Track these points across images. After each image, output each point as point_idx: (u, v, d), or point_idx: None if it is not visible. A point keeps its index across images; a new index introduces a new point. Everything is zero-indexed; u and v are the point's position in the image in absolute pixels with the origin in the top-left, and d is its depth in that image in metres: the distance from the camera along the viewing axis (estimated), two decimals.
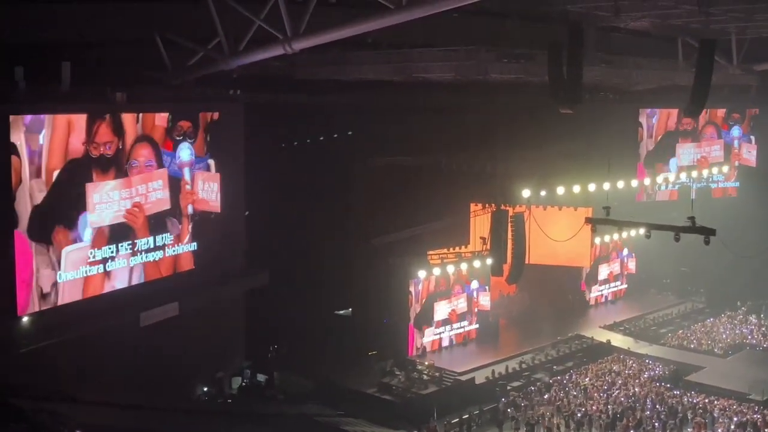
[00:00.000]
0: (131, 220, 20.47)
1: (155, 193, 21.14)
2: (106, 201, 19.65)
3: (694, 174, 35.27)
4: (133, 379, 20.47)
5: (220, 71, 19.53)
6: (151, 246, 21.25)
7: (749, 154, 38.17)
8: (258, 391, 25.82)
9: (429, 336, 29.73)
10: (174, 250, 21.98)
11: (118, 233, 20.11)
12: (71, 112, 18.75)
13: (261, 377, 26.17)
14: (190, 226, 22.53)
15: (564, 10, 18.58)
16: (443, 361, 28.56)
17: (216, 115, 23.01)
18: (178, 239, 22.02)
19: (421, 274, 29.11)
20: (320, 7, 15.01)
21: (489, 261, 28.21)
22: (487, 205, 30.76)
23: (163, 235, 21.54)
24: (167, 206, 21.64)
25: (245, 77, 22.56)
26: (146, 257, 21.18)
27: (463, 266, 30.45)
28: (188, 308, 21.99)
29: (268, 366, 26.70)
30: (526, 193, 29.72)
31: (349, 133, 29.96)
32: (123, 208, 20.21)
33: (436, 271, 29.53)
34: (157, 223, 21.32)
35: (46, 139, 17.98)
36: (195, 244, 22.79)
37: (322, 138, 29.47)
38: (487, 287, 31.38)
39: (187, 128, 21.87)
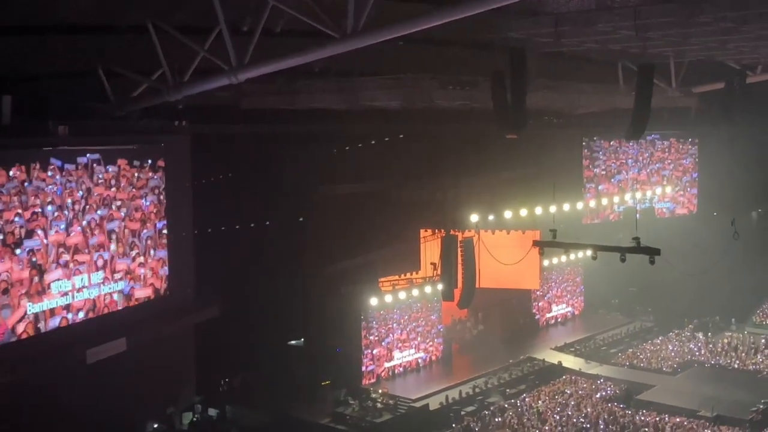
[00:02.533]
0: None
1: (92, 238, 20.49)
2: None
3: (638, 195, 35.98)
4: (81, 417, 19.98)
5: (165, 102, 19.35)
6: (94, 282, 20.70)
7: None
8: (210, 426, 25.38)
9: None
10: (112, 287, 21.30)
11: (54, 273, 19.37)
12: (13, 147, 18.32)
13: (212, 411, 25.73)
14: (127, 263, 21.98)
15: (506, 37, 18.87)
16: (397, 388, 28.47)
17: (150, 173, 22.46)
18: (115, 276, 21.41)
19: (373, 301, 29.06)
20: (265, 37, 15.01)
21: (440, 286, 28.28)
22: (436, 231, 30.93)
23: (101, 272, 20.89)
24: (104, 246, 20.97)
25: (191, 108, 22.41)
26: (88, 293, 20.62)
27: (415, 292, 30.49)
28: (136, 343, 21.58)
29: (220, 400, 26.30)
30: (474, 218, 30.02)
31: (299, 162, 29.88)
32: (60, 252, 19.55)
33: (388, 297, 29.51)
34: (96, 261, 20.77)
35: None
36: (134, 279, 22.33)
37: (271, 167, 29.34)
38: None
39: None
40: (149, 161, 22.12)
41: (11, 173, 17.80)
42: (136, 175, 21.66)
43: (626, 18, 17.37)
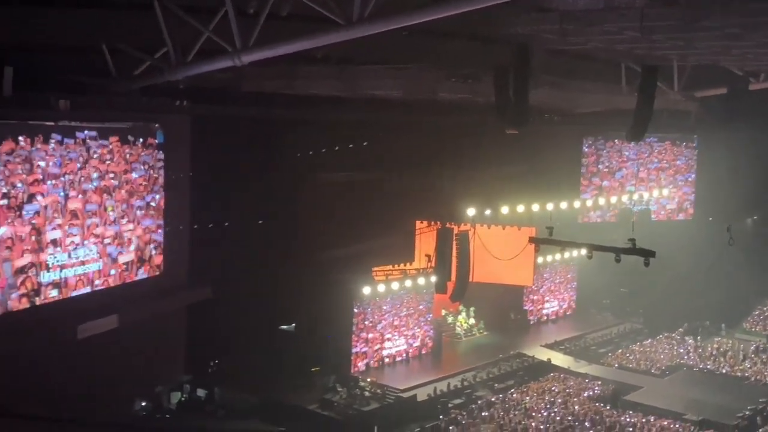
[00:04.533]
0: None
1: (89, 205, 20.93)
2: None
3: (635, 197, 36.07)
4: (70, 392, 19.99)
5: (166, 81, 19.30)
6: (89, 256, 20.90)
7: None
8: (198, 407, 25.45)
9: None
10: (105, 263, 21.55)
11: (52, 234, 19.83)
12: (13, 118, 18.46)
13: (201, 392, 25.80)
14: (121, 240, 22.23)
15: (511, 32, 18.82)
16: (386, 378, 28.55)
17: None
18: (105, 241, 21.65)
19: (366, 290, 29.08)
20: (270, 20, 14.96)
21: (433, 278, 28.32)
22: (432, 223, 30.96)
23: (95, 245, 21.17)
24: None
25: (192, 88, 22.35)
26: (84, 269, 20.78)
27: (408, 283, 30.52)
28: (128, 321, 21.61)
29: (209, 381, 26.35)
30: (471, 211, 30.01)
31: (296, 147, 29.85)
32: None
33: (381, 287, 29.54)
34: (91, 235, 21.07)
35: None
36: (131, 256, 22.43)
37: (269, 151, 29.30)
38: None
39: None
40: (141, 139, 22.56)
41: (18, 142, 18.66)
42: (128, 151, 22.13)
43: (633, 19, 17.31)
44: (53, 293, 19.95)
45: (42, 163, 19.32)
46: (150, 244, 23.12)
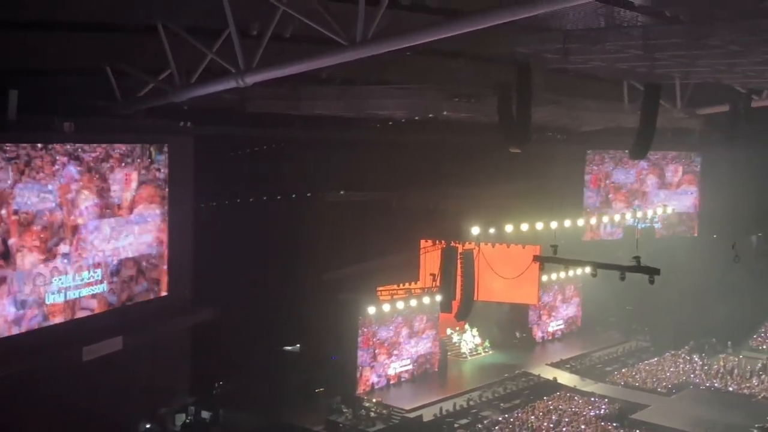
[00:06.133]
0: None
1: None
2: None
3: (639, 214, 36.01)
4: (74, 415, 19.94)
5: (170, 103, 19.39)
6: (90, 280, 21.08)
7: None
8: (202, 429, 25.34)
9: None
10: (104, 287, 21.75)
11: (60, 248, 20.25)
12: (18, 141, 18.60)
13: (206, 414, 25.69)
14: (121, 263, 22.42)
15: (513, 51, 18.88)
16: (391, 398, 28.42)
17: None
18: (111, 275, 21.89)
19: (371, 310, 29.01)
20: (274, 42, 15.02)
21: (438, 297, 28.26)
22: (437, 242, 30.94)
23: (98, 270, 21.44)
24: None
25: (196, 109, 22.45)
26: (90, 290, 20.89)
27: (413, 302, 30.47)
28: (132, 342, 21.59)
29: (214, 402, 26.27)
30: (475, 230, 29.96)
31: (301, 167, 29.94)
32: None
33: (386, 307, 29.48)
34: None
35: None
36: (131, 271, 22.49)
37: (272, 171, 29.39)
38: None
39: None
40: (139, 160, 22.73)
41: (27, 164, 19.11)
42: (128, 170, 22.36)
43: (635, 38, 17.37)
44: (59, 303, 20.27)
45: (49, 185, 19.68)
46: (149, 259, 23.30)
